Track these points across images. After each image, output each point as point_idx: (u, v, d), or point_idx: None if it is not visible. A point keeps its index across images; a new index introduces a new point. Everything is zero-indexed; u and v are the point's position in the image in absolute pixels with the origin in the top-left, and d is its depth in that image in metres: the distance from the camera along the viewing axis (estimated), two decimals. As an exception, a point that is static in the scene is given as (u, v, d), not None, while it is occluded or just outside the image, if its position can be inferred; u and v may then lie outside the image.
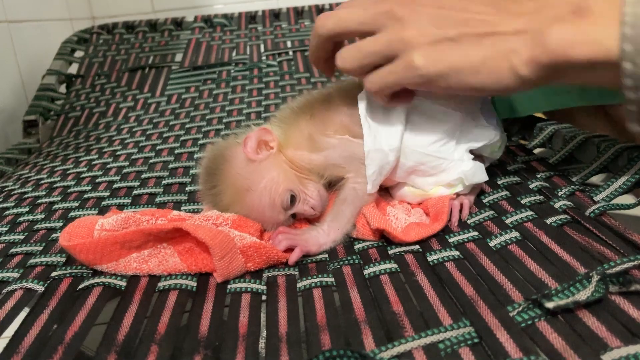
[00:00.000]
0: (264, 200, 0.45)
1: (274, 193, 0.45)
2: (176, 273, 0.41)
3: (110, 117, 0.96)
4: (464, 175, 0.46)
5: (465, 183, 0.47)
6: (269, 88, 0.95)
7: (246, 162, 0.47)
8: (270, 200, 0.45)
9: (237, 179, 0.46)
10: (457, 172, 0.46)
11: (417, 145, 0.46)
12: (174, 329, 0.35)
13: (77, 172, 0.70)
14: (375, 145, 0.45)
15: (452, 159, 0.46)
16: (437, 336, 0.31)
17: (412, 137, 0.46)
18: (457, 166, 0.47)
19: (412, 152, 0.46)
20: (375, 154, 0.45)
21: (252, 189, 0.45)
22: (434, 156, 0.46)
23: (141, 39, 1.22)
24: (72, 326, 0.35)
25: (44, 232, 0.52)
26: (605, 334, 0.29)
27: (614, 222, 0.40)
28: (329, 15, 0.44)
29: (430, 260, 0.41)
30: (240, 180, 0.46)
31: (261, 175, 0.46)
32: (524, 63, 0.37)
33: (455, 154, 0.47)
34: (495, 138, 0.48)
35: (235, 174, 0.46)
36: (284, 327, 0.34)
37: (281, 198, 0.45)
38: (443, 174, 0.47)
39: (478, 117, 0.48)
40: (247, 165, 0.47)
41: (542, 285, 0.34)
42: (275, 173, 0.46)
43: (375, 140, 0.45)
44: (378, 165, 0.45)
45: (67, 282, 0.41)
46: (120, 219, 0.43)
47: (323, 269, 0.42)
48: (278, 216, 0.46)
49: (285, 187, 0.46)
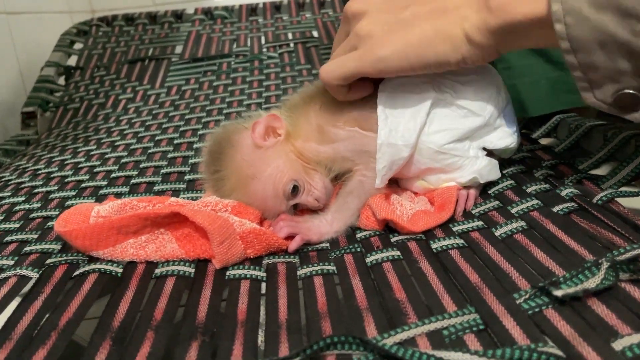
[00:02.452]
0: (267, 189, 0.44)
1: (278, 182, 0.44)
2: (174, 259, 0.40)
3: (109, 108, 0.95)
4: (478, 174, 0.45)
5: (480, 182, 0.46)
6: (269, 80, 0.94)
7: (253, 148, 0.45)
8: (273, 189, 0.44)
9: (242, 165, 0.45)
10: (472, 170, 0.45)
11: (432, 143, 0.44)
12: (170, 316, 0.34)
13: (75, 163, 0.69)
14: (390, 139, 0.43)
15: (467, 156, 0.45)
16: (441, 322, 0.30)
17: (429, 134, 0.44)
18: (472, 164, 0.45)
19: (427, 149, 0.44)
20: (387, 148, 0.44)
21: (257, 177, 0.44)
22: (449, 154, 0.45)
23: (141, 31, 1.21)
24: (66, 312, 0.34)
25: (39, 220, 0.51)
26: (615, 322, 0.28)
27: (622, 209, 0.39)
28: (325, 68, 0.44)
29: (434, 247, 0.40)
30: (245, 167, 0.45)
31: (267, 163, 0.45)
32: (476, 28, 0.38)
33: (471, 152, 0.45)
34: (512, 144, 0.47)
35: (241, 159, 0.45)
36: (284, 315, 0.34)
37: (284, 187, 0.44)
38: (457, 172, 0.45)
39: (500, 120, 0.47)
40: (253, 152, 0.45)
41: (549, 274, 0.33)
42: (282, 161, 0.45)
43: (390, 134, 0.44)
44: (389, 159, 0.44)
45: (63, 269, 0.40)
46: (116, 205, 0.42)
47: (324, 257, 0.41)
48: (280, 206, 0.45)
49: (290, 177, 0.44)
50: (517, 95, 0.61)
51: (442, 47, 0.39)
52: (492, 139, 0.46)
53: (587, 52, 0.33)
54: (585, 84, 0.34)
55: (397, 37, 0.40)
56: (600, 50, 0.32)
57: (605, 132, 0.48)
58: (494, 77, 0.48)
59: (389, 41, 0.41)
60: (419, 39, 0.40)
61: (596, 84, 0.34)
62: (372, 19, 0.42)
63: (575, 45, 0.33)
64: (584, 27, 0.32)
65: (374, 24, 0.41)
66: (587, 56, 0.33)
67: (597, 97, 0.35)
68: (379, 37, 0.41)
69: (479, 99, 0.45)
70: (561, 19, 0.32)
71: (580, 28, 0.32)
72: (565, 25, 0.32)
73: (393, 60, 0.41)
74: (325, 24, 1.15)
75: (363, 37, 0.42)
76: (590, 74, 0.34)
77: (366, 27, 0.42)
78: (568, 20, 0.32)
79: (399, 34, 0.40)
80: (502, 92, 0.47)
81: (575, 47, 0.33)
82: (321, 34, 1.10)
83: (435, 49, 0.40)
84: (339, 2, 1.23)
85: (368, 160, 0.45)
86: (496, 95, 0.46)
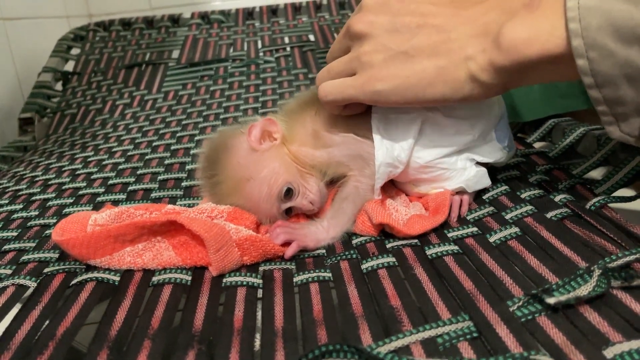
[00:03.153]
0: (262, 190, 0.45)
1: (273, 183, 0.45)
2: (171, 267, 0.40)
3: (107, 114, 0.95)
4: (465, 184, 0.46)
5: (468, 191, 0.46)
6: (266, 84, 0.95)
7: (248, 151, 0.46)
8: (268, 191, 0.45)
9: (238, 168, 0.46)
10: (460, 180, 0.46)
11: (420, 159, 0.45)
12: (167, 324, 0.34)
13: (72, 169, 0.69)
14: (387, 159, 0.44)
15: (454, 168, 0.46)
16: (436, 330, 0.30)
17: (417, 151, 0.45)
18: (460, 175, 0.46)
19: (413, 163, 0.45)
20: (385, 168, 0.45)
21: (252, 179, 0.45)
22: (436, 167, 0.45)
23: (138, 36, 1.22)
24: (64, 322, 0.34)
25: (37, 228, 0.51)
26: (607, 329, 0.28)
27: (615, 215, 0.40)
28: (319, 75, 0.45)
29: (429, 254, 0.40)
30: (241, 170, 0.45)
31: (263, 165, 0.45)
32: (482, 69, 0.36)
33: (459, 164, 0.46)
34: (501, 159, 0.47)
35: (237, 162, 0.46)
36: (280, 322, 0.34)
37: (279, 189, 0.45)
38: (446, 182, 0.46)
39: (490, 136, 0.47)
40: (249, 155, 0.46)
41: (542, 281, 0.34)
42: (277, 164, 0.46)
43: (387, 154, 0.44)
44: (386, 176, 0.45)
45: (60, 277, 0.40)
46: (113, 213, 0.43)
47: (320, 263, 0.41)
48: (273, 208, 0.45)
49: (285, 179, 0.45)
50: (511, 101, 0.61)
51: (442, 88, 0.38)
52: (481, 153, 0.47)
53: (614, 86, 0.31)
54: (610, 118, 0.33)
55: (398, 71, 0.39)
56: (627, 84, 0.31)
57: (599, 137, 0.49)
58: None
59: (388, 75, 0.40)
60: (419, 78, 0.39)
61: (622, 117, 0.33)
62: (374, 46, 0.40)
63: (600, 80, 0.31)
64: (609, 62, 0.30)
65: (376, 52, 0.40)
66: (613, 91, 0.32)
67: (624, 131, 0.33)
68: (379, 68, 0.40)
69: (469, 116, 0.45)
70: (583, 54, 0.31)
71: (605, 63, 0.31)
72: (588, 61, 0.31)
73: (389, 95, 0.40)
74: (322, 28, 1.15)
75: (364, 63, 0.41)
76: (617, 108, 0.32)
77: (368, 54, 0.41)
78: (591, 55, 0.31)
79: (400, 67, 0.39)
80: (496, 107, 0.47)
81: (600, 82, 0.31)
82: (318, 38, 1.11)
83: (434, 89, 0.39)
84: (335, 6, 1.23)
85: (362, 165, 0.46)
86: (488, 111, 0.46)
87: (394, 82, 0.40)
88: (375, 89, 0.40)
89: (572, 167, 0.49)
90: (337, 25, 1.14)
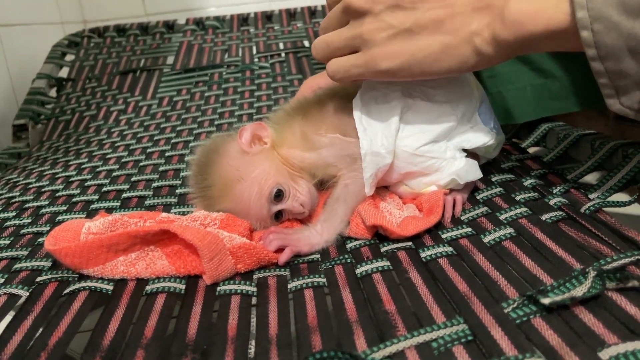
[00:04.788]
0: (253, 191, 0.45)
1: (264, 184, 0.45)
2: (164, 276, 0.40)
3: (101, 120, 0.95)
4: (457, 175, 0.46)
5: (460, 182, 0.46)
6: (261, 90, 0.95)
7: (239, 153, 0.47)
8: (259, 191, 0.45)
9: (228, 170, 0.46)
10: (450, 172, 0.46)
11: (407, 146, 0.45)
12: (161, 333, 0.34)
13: (66, 176, 0.69)
14: (372, 147, 0.45)
15: (444, 157, 0.46)
16: (430, 334, 0.30)
17: (402, 138, 0.46)
18: (450, 165, 0.46)
19: (402, 153, 0.46)
20: (371, 157, 0.45)
21: (243, 179, 0.45)
22: (425, 156, 0.46)
23: (132, 42, 1.21)
24: (56, 332, 0.34)
25: (30, 236, 0.51)
26: (602, 331, 0.28)
27: (609, 219, 0.40)
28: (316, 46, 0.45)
29: (423, 256, 0.40)
30: (232, 172, 0.46)
31: (253, 166, 0.46)
32: (487, 43, 0.37)
33: (448, 153, 0.46)
34: (490, 141, 0.47)
35: (227, 165, 0.46)
36: (274, 329, 0.34)
37: (269, 190, 0.45)
38: (436, 174, 0.46)
39: (475, 119, 0.47)
40: (240, 157, 0.47)
41: (537, 282, 0.34)
42: (268, 165, 0.46)
43: (372, 143, 0.45)
44: (375, 167, 0.45)
45: (53, 286, 0.40)
46: (107, 222, 0.42)
47: (315, 269, 0.41)
48: (262, 210, 0.45)
49: (275, 180, 0.45)
50: (503, 102, 0.61)
51: (448, 63, 0.39)
52: (469, 138, 0.47)
53: (616, 59, 0.32)
54: (611, 90, 0.33)
55: (402, 49, 0.40)
56: (630, 57, 0.31)
57: (593, 142, 0.49)
58: (465, 76, 0.49)
59: (393, 53, 0.40)
60: (425, 55, 0.39)
61: (623, 90, 0.33)
62: (376, 23, 0.40)
63: (604, 52, 0.32)
64: (613, 34, 0.31)
65: (378, 30, 0.40)
66: (616, 63, 0.32)
67: (624, 104, 0.34)
68: (383, 46, 0.40)
69: (450, 99, 0.46)
70: (588, 26, 0.31)
71: (610, 35, 0.31)
72: (592, 32, 0.31)
73: (396, 73, 0.41)
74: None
75: (367, 42, 0.41)
76: (618, 81, 0.33)
77: (370, 33, 0.40)
78: (596, 27, 0.31)
79: (404, 45, 0.39)
80: (475, 90, 0.48)
81: (603, 54, 0.32)
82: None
83: (440, 64, 0.39)
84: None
85: (351, 163, 0.46)
86: (468, 93, 0.47)
87: (400, 60, 0.40)
88: (381, 68, 0.41)
89: (567, 172, 0.49)
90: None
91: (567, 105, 0.60)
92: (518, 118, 0.61)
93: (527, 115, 0.61)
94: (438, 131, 0.46)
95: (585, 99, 0.59)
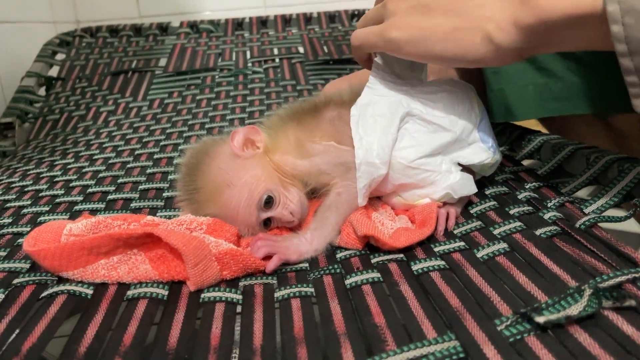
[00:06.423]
0: (242, 197, 0.44)
1: (254, 189, 0.44)
2: (147, 281, 0.39)
3: (90, 120, 0.93)
4: (451, 189, 0.45)
5: (454, 197, 0.45)
6: (253, 95, 0.94)
7: (231, 157, 0.46)
8: (248, 197, 0.44)
9: (218, 173, 0.45)
10: (445, 185, 0.45)
11: (403, 158, 0.45)
12: (141, 341, 0.32)
13: (51, 176, 0.67)
14: (368, 157, 0.44)
15: (439, 170, 0.45)
16: (420, 350, 0.29)
17: (399, 150, 0.45)
18: (445, 178, 0.45)
19: (397, 164, 0.45)
20: (366, 167, 0.44)
21: (233, 184, 0.44)
22: (420, 169, 0.45)
23: (125, 43, 1.20)
24: (30, 337, 0.32)
25: (9, 237, 0.49)
26: (598, 351, 0.27)
27: (605, 235, 0.39)
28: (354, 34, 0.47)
29: (415, 269, 0.39)
30: (222, 175, 0.45)
31: (244, 170, 0.45)
32: (500, 28, 0.35)
33: (443, 166, 0.45)
34: (487, 160, 0.47)
35: (217, 167, 0.45)
36: (259, 340, 0.32)
37: (259, 196, 0.44)
38: (431, 187, 0.46)
39: (474, 136, 0.47)
40: (231, 160, 0.45)
41: (531, 299, 0.33)
42: (259, 171, 0.45)
43: (367, 153, 0.44)
44: (369, 178, 0.44)
45: (30, 289, 0.38)
46: (90, 223, 0.41)
47: (303, 278, 0.40)
48: (251, 217, 0.44)
49: (265, 186, 0.44)
50: (504, 100, 0.61)
51: (453, 47, 0.38)
52: (466, 154, 0.46)
53: None
54: (639, 90, 0.32)
55: (414, 22, 0.40)
56: None
57: (588, 156, 0.48)
58: (467, 92, 0.48)
59: (404, 25, 0.41)
60: (432, 32, 0.39)
61: None
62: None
63: (634, 47, 0.30)
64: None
65: (401, 1, 0.41)
66: None
67: None
68: (399, 17, 0.41)
69: (449, 114, 0.46)
70: (619, 19, 0.29)
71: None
72: (623, 26, 0.29)
73: (402, 45, 0.41)
74: (312, 40, 1.15)
75: (388, 11, 0.42)
76: None
77: (394, 2, 0.42)
78: (628, 20, 0.29)
79: (417, 19, 0.40)
80: (476, 107, 0.48)
81: (633, 49, 0.30)
82: (307, 50, 1.10)
83: (444, 46, 0.39)
84: (325, 19, 1.23)
85: (344, 172, 0.45)
86: (469, 110, 0.47)
87: (408, 32, 0.40)
88: (391, 37, 0.41)
89: (561, 186, 0.48)
90: (327, 38, 1.14)
91: (568, 107, 0.59)
92: (518, 116, 0.61)
93: (528, 114, 0.60)
94: (435, 145, 0.45)
95: (587, 103, 0.59)
